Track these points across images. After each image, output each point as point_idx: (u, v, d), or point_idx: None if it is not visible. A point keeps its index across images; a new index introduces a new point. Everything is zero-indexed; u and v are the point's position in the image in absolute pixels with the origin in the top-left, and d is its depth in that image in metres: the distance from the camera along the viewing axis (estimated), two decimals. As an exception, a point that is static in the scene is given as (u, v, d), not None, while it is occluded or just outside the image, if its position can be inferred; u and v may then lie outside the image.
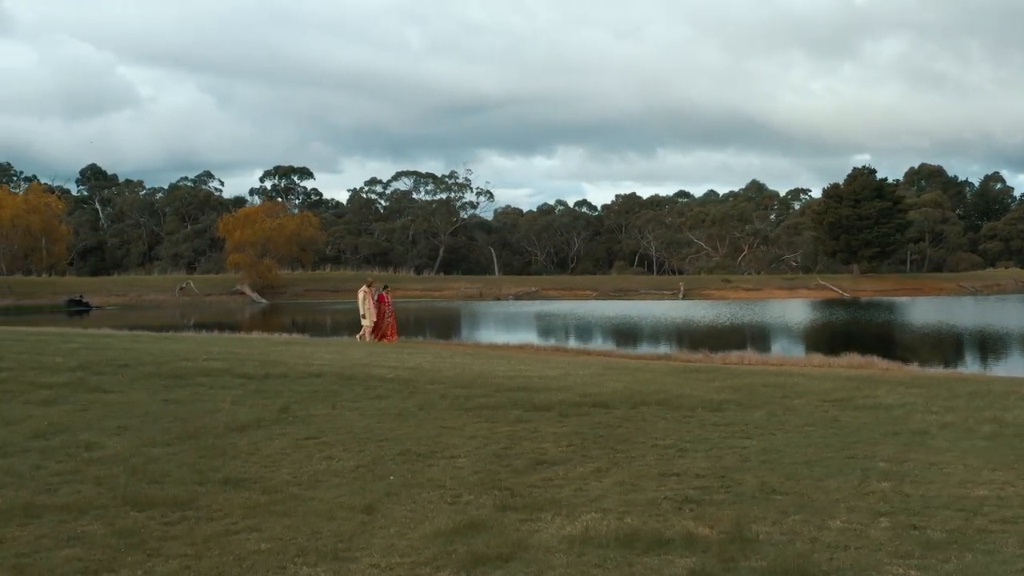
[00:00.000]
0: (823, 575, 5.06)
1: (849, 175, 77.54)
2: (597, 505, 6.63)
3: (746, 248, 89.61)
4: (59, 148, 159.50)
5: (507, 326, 45.51)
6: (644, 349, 31.08)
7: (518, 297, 71.50)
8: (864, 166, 77.70)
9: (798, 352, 30.55)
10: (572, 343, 34.03)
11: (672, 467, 7.83)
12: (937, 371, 20.60)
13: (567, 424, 9.91)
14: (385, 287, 29.37)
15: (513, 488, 7.14)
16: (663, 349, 30.87)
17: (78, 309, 56.97)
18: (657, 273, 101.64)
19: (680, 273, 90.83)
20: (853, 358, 25.54)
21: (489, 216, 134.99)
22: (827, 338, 37.41)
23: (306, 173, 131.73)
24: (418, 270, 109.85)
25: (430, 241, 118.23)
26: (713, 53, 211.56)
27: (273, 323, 45.94)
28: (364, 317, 27.02)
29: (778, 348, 32.79)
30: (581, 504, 6.67)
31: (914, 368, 24.12)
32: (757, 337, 37.23)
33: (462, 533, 5.88)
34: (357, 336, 27.29)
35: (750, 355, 27.15)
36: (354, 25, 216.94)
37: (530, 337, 37.56)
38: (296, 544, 5.73)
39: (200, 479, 7.40)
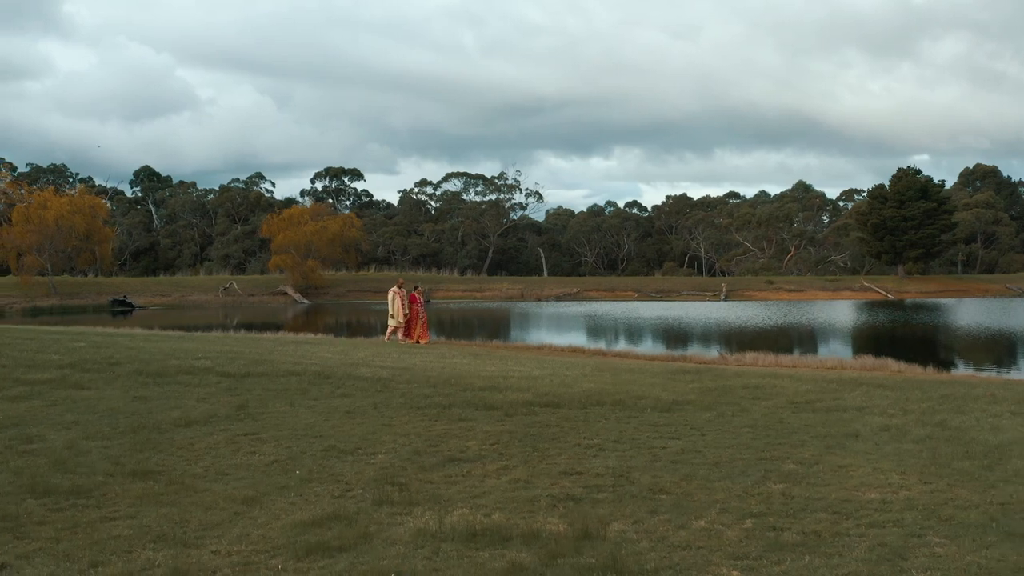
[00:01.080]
0: (639, 572, 5.11)
1: (894, 176, 76.03)
2: (476, 501, 6.74)
3: (793, 249, 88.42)
4: (119, 150, 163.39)
5: (538, 327, 45.60)
6: (663, 350, 30.94)
7: (559, 298, 71.48)
8: (909, 167, 76.35)
9: (819, 353, 30.16)
10: (592, 344, 33.96)
11: (578, 466, 7.89)
12: (934, 373, 20.24)
13: (506, 423, 10.01)
14: (416, 287, 29.36)
15: (407, 484, 7.28)
16: (681, 351, 30.68)
17: (122, 309, 58.33)
18: (707, 275, 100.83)
19: (726, 274, 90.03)
20: (866, 360, 25.24)
21: (541, 217, 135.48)
22: (856, 339, 36.84)
23: (356, 174, 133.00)
24: (467, 271, 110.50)
25: (479, 242, 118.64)
26: (770, 53, 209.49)
27: (313, 323, 46.58)
28: (392, 317, 27.01)
29: (801, 350, 32.34)
30: (461, 500, 6.78)
31: (921, 370, 23.72)
32: (784, 338, 36.81)
33: (319, 525, 6.04)
34: (386, 337, 27.16)
35: (766, 357, 26.91)
36: (410, 27, 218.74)
37: (555, 338, 37.62)
38: (157, 531, 5.94)
39: (113, 470, 7.66)
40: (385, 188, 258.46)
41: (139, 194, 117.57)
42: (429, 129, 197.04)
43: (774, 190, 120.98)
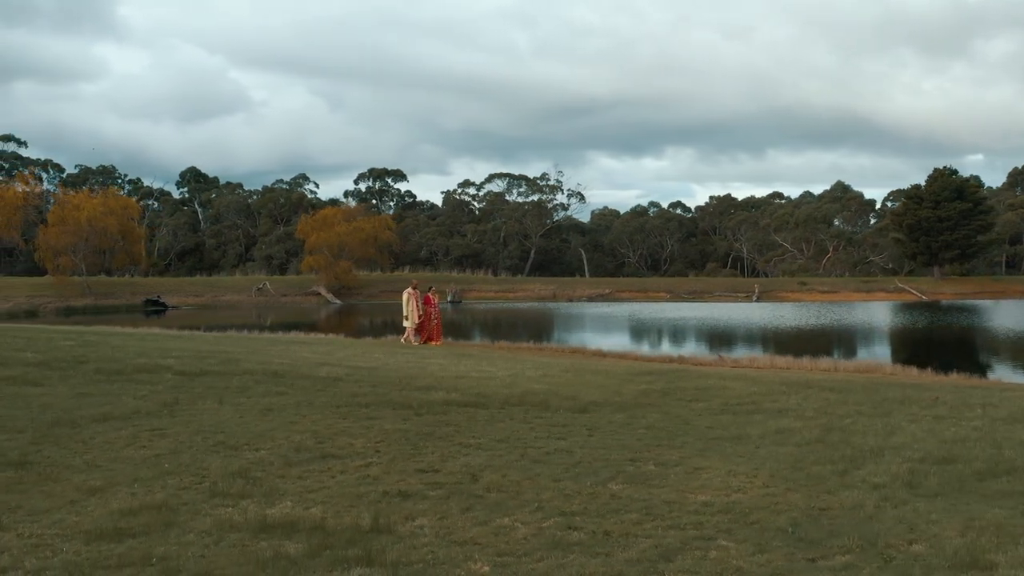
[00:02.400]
0: (388, 564, 5.28)
1: (929, 176, 74.56)
2: (309, 496, 6.94)
3: (831, 250, 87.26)
4: (172, 151, 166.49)
5: (555, 328, 45.72)
6: (665, 351, 30.85)
7: (591, 299, 71.43)
8: (945, 167, 74.83)
9: (827, 355, 29.87)
10: (598, 344, 33.93)
11: (439, 465, 8.03)
12: (919, 376, 20.06)
13: (408, 423, 10.18)
14: (430, 289, 29.57)
15: (262, 478, 7.52)
16: (683, 352, 30.57)
17: (154, 309, 59.60)
18: (749, 276, 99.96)
19: (765, 275, 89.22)
20: (861, 362, 25.03)
21: (586, 218, 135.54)
22: (870, 341, 36.39)
23: (400, 175, 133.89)
24: (508, 272, 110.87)
25: (521, 243, 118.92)
26: (823, 53, 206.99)
27: (340, 324, 47.15)
28: (406, 319, 27.18)
29: (808, 351, 32.00)
30: (295, 494, 6.99)
31: (914, 373, 23.45)
32: (798, 340, 36.48)
33: (135, 513, 6.29)
34: (403, 339, 27.22)
35: (765, 358, 26.77)
36: (462, 28, 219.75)
37: (569, 338, 37.75)
38: (-16, 515, 6.29)
39: (-2, 461, 8.04)
40: (431, 189, 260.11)
41: (186, 195, 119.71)
42: (481, 130, 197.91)
43: (821, 190, 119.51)
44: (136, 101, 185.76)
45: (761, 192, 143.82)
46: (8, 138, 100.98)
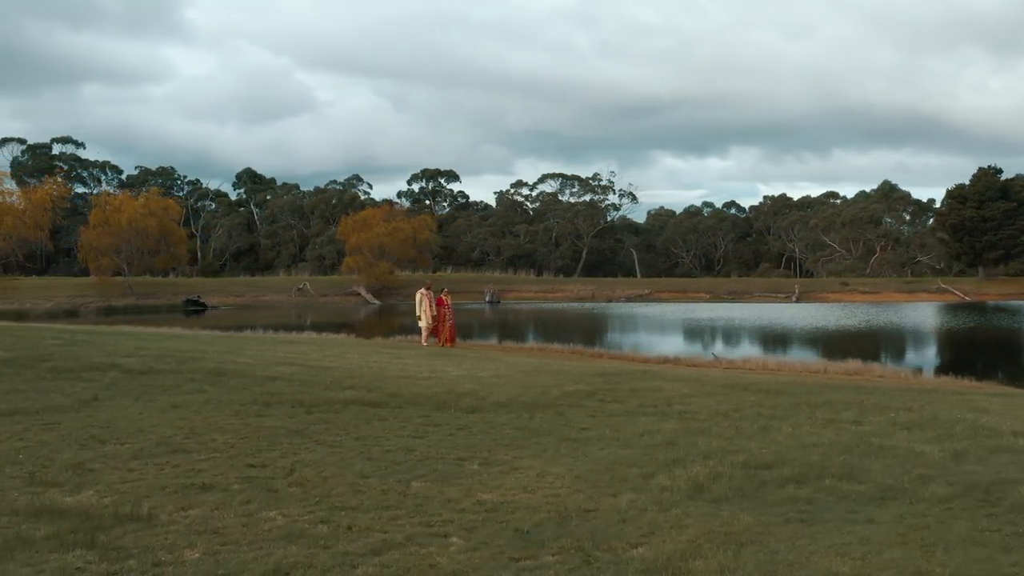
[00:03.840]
0: (108, 547, 5.60)
1: (974, 175, 72.55)
2: (118, 486, 7.17)
3: (879, 250, 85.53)
4: (238, 152, 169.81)
5: (577, 328, 45.79)
6: (668, 351, 30.72)
7: (630, 299, 71.21)
8: (990, 166, 72.74)
9: (831, 357, 29.52)
10: (606, 344, 33.94)
11: (274, 461, 8.16)
12: (898, 379, 19.78)
13: (293, 420, 10.40)
14: (443, 290, 29.79)
15: (96, 469, 7.86)
16: (685, 352, 30.45)
17: (194, 309, 61.13)
18: (800, 276, 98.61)
19: (813, 275, 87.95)
20: (850, 364, 24.74)
21: (642, 218, 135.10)
22: (888, 343, 35.77)
23: (453, 176, 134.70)
24: (561, 272, 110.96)
25: (574, 243, 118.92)
26: (887, 52, 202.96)
27: (376, 324, 47.97)
28: (420, 320, 27.39)
29: (814, 352, 31.65)
30: (107, 484, 7.25)
31: (905, 375, 23.16)
32: (812, 341, 36.06)
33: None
34: (423, 340, 27.21)
35: (758, 359, 26.65)
36: (524, 28, 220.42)
37: (584, 339, 37.80)
38: None
39: None
40: (487, 189, 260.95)
41: (242, 196, 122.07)
42: (545, 130, 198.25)
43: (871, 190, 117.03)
44: (202, 103, 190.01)
45: (829, 191, 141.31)
46: (67, 140, 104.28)
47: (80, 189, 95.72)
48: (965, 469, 8.00)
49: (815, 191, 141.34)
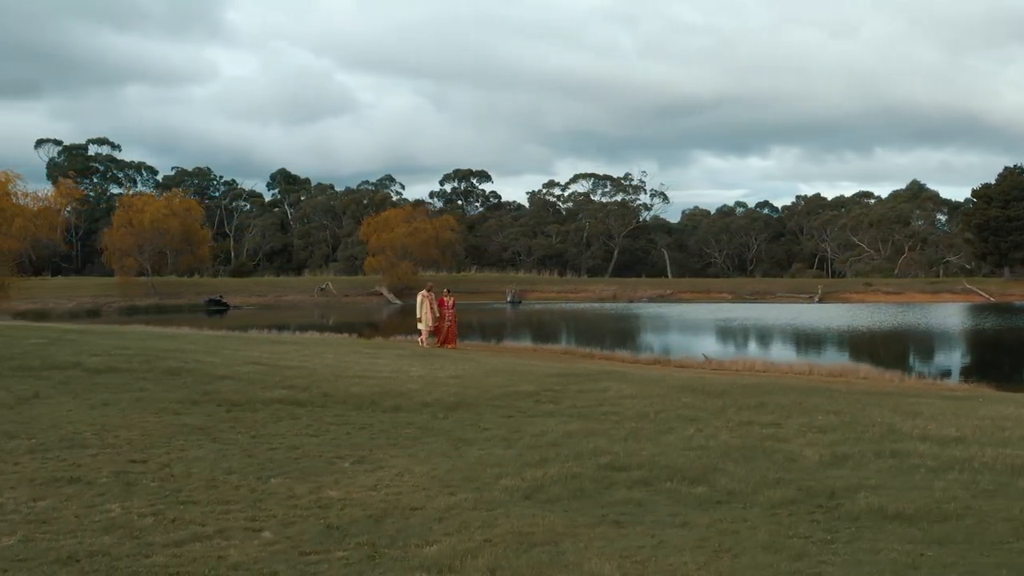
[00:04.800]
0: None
1: (1000, 175, 71.11)
2: (9, 478, 7.49)
3: (907, 250, 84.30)
4: (279, 153, 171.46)
5: (584, 329, 45.78)
6: (666, 352, 30.64)
7: (652, 299, 70.96)
8: (1016, 165, 71.39)
9: (827, 358, 29.29)
10: (607, 345, 33.89)
11: (149, 456, 8.41)
12: (875, 381, 19.61)
13: (208, 417, 10.70)
14: (446, 291, 29.96)
15: (-15, 463, 8.24)
16: (683, 353, 30.34)
17: (217, 309, 61.99)
18: (832, 276, 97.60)
19: (842, 275, 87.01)
20: (836, 365, 24.59)
21: (676, 218, 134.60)
22: (890, 344, 35.34)
23: (484, 176, 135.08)
24: (592, 273, 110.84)
25: (605, 244, 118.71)
26: (930, 50, 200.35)
27: (394, 324, 48.34)
28: (420, 321, 27.54)
29: (816, 353, 31.37)
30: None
31: (888, 376, 22.93)
32: (813, 342, 35.75)
33: None
34: (423, 342, 27.27)
35: (747, 360, 26.50)
36: (565, 28, 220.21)
37: (583, 339, 37.83)
38: None
39: None
40: (527, 190, 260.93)
41: (277, 196, 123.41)
42: (585, 130, 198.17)
43: (939, 189, 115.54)
44: (244, 104, 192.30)
45: (873, 191, 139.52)
46: (103, 141, 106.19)
47: (116, 190, 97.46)
48: (829, 474, 7.98)
49: (856, 191, 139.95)
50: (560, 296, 74.36)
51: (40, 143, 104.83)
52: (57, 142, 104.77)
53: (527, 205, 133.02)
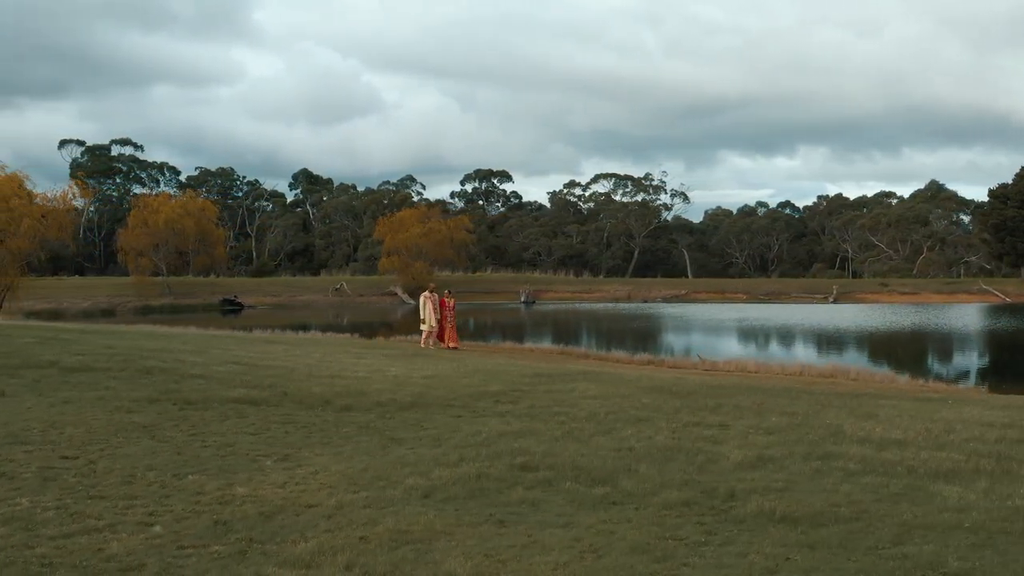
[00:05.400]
0: None
1: (1016, 174, 70.14)
2: None
3: (925, 250, 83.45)
4: (305, 153, 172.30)
5: (591, 330, 45.76)
6: (665, 352, 30.59)
7: (666, 300, 70.76)
8: (1032, 163, 70.62)
9: (825, 359, 29.13)
10: (606, 346, 33.89)
11: (80, 453, 8.58)
12: (847, 382, 19.52)
13: (158, 415, 10.88)
14: (447, 292, 30.07)
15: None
16: (682, 354, 30.30)
17: (231, 308, 62.57)
18: (852, 277, 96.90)
19: (859, 276, 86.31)
20: (826, 367, 24.47)
21: (699, 218, 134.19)
22: (896, 344, 35.06)
23: (506, 176, 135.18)
24: (612, 273, 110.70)
25: (626, 244, 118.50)
26: (956, 49, 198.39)
27: (405, 324, 48.48)
28: (423, 322, 27.68)
29: (817, 353, 31.18)
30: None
31: (878, 377, 22.83)
32: (816, 342, 35.54)
33: None
34: (422, 343, 27.44)
35: (739, 360, 26.42)
36: (590, 28, 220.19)
37: (588, 339, 37.87)
38: None
39: None
40: (547, 189, 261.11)
41: (299, 196, 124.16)
42: (611, 130, 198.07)
43: (966, 189, 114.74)
44: (271, 104, 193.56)
45: (899, 190, 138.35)
46: (126, 142, 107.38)
47: (138, 190, 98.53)
48: (742, 476, 8.01)
49: (881, 191, 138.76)
50: (574, 296, 74.35)
51: (63, 143, 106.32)
52: (80, 142, 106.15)
53: (548, 205, 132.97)
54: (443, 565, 5.48)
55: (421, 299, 28.14)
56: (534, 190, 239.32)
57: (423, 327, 27.87)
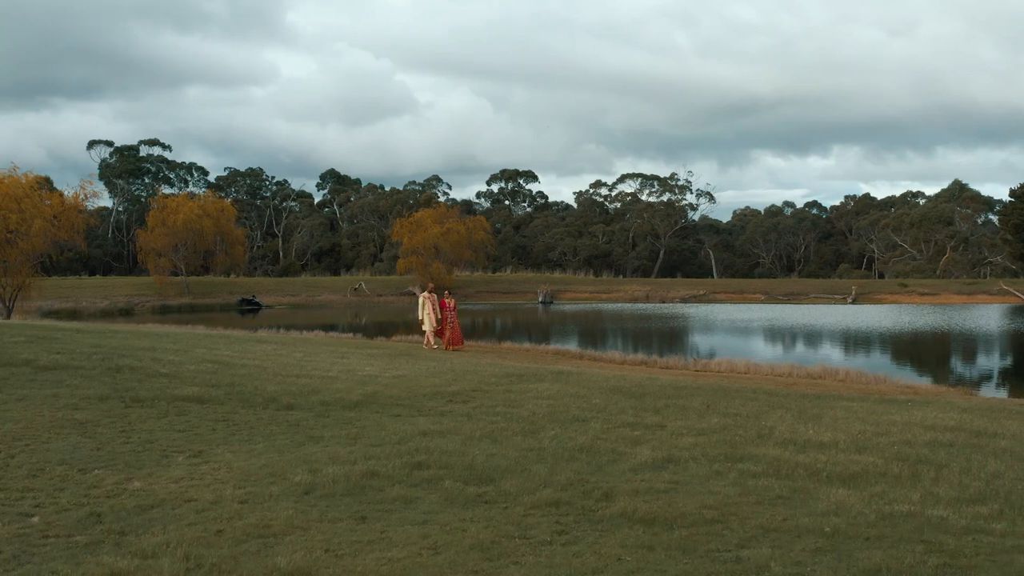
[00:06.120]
0: None
1: (1037, 172, 69.45)
2: None
3: (948, 251, 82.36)
4: (338, 153, 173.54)
5: (598, 330, 45.72)
6: (663, 353, 30.56)
7: (684, 300, 70.51)
8: (1056, 161, 69.40)
9: (823, 361, 28.94)
10: (605, 347, 33.89)
11: (18, 448, 8.89)
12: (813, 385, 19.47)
13: (107, 414, 11.15)
14: (446, 293, 30.26)
15: None
16: (679, 355, 30.24)
17: (249, 308, 63.23)
18: (878, 277, 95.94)
19: (882, 276, 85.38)
20: (817, 369, 24.34)
21: (727, 218, 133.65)
22: (902, 345, 34.69)
23: (531, 176, 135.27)
24: (638, 273, 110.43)
25: (651, 244, 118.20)
26: (990, 48, 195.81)
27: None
28: (423, 323, 27.88)
29: (817, 354, 30.97)
30: None
31: (865, 379, 22.69)
32: (819, 344, 35.29)
33: None
34: (424, 343, 27.67)
35: (730, 361, 26.34)
36: (624, 28, 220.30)
37: (594, 341, 37.88)
38: None
39: None
40: (574, 189, 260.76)
41: (326, 196, 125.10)
42: (645, 130, 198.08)
43: (997, 189, 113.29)
44: (303, 105, 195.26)
45: (931, 190, 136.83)
46: (154, 142, 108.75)
47: (168, 190, 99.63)
48: (633, 477, 8.08)
49: (909, 190, 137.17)
50: (593, 296, 74.31)
51: (92, 144, 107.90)
52: (109, 143, 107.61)
53: (575, 205, 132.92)
54: (275, 559, 5.63)
55: (420, 300, 28.19)
56: (565, 190, 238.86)
57: (424, 327, 27.96)
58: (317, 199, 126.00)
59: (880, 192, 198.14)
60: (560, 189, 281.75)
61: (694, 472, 8.41)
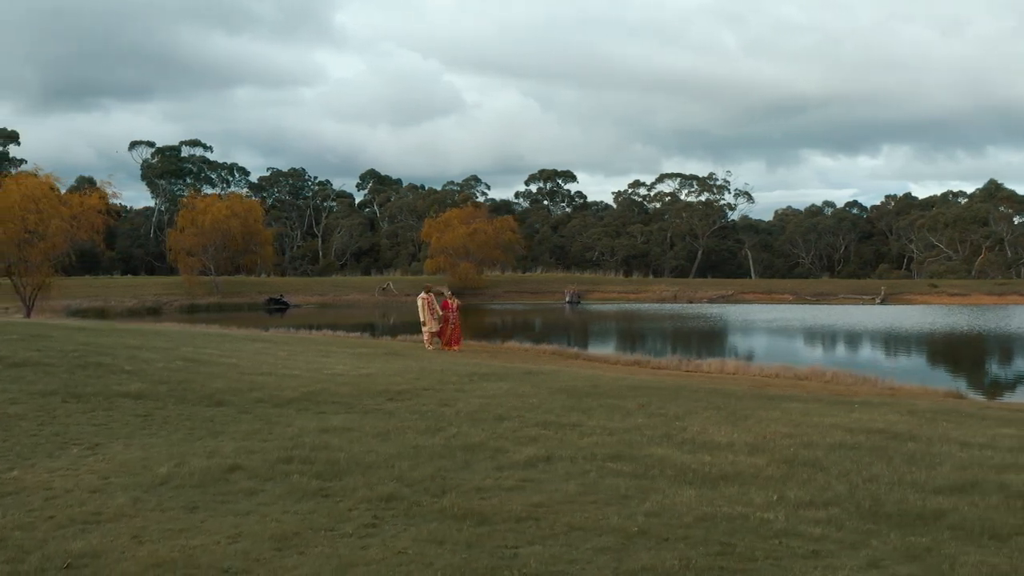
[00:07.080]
0: None
1: (1072, 169, 67.68)
2: None
3: (984, 251, 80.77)
4: (387, 153, 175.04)
5: (612, 330, 45.71)
6: (662, 353, 30.57)
7: (712, 300, 70.11)
8: (1091, 159, 67.57)
9: (821, 361, 28.72)
10: (620, 348, 33.97)
11: None
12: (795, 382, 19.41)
13: (44, 409, 11.59)
14: (451, 294, 30.52)
15: None
16: (680, 355, 30.24)
17: (276, 307, 64.17)
18: (916, 277, 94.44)
19: (916, 277, 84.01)
20: (806, 369, 24.26)
21: (768, 218, 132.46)
22: (897, 346, 34.25)
23: (570, 176, 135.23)
24: (675, 273, 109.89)
25: (689, 244, 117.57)
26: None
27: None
28: (424, 324, 28.18)
29: (818, 355, 30.75)
30: None
31: (854, 378, 22.57)
32: (821, 344, 34.99)
33: None
34: (426, 344, 27.89)
35: (724, 362, 26.30)
36: (670, 27, 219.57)
37: (592, 341, 37.94)
38: None
39: None
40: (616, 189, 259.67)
41: (366, 196, 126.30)
42: (692, 129, 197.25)
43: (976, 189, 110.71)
44: (352, 105, 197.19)
45: (965, 191, 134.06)
46: (195, 143, 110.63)
47: (208, 191, 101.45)
48: (491, 474, 8.22)
49: (949, 190, 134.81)
50: (621, 296, 74.21)
51: (134, 145, 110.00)
52: (150, 144, 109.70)
53: (614, 205, 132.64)
54: (75, 543, 5.95)
55: (419, 301, 28.42)
56: (611, 191, 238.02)
57: (424, 329, 28.14)
58: (358, 199, 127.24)
59: (930, 192, 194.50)
60: (606, 189, 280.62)
61: (559, 472, 8.52)
